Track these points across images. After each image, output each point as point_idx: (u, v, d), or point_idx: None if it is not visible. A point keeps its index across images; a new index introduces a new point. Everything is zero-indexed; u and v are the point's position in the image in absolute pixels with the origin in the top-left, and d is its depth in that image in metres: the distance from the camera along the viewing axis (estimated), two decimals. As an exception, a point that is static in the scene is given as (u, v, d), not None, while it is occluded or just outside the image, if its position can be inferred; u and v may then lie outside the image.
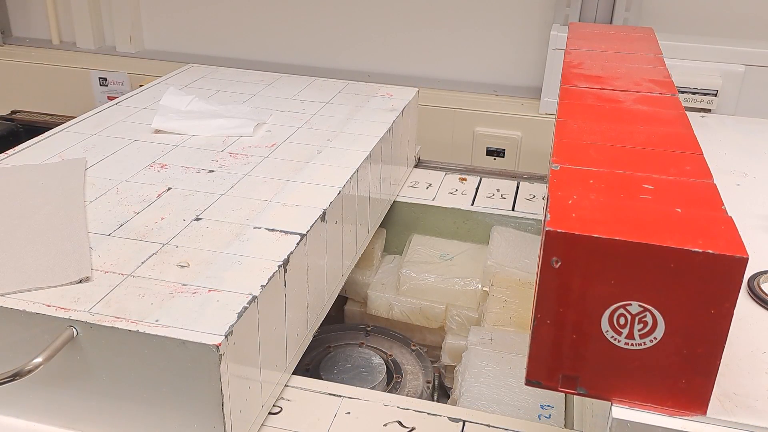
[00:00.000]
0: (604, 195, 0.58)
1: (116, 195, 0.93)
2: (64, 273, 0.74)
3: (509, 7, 1.98)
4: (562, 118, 0.77)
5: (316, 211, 0.90)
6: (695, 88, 1.69)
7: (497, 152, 1.91)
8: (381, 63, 2.12)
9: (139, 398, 0.69)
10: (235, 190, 0.96)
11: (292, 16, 2.14)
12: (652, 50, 1.07)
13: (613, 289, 0.52)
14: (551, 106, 1.85)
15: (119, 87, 2.12)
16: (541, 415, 0.94)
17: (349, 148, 1.11)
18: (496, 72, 2.05)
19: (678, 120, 0.77)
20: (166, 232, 0.84)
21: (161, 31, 2.29)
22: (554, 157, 0.66)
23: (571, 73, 0.93)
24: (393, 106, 1.32)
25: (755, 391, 0.57)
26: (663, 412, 0.55)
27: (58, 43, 2.34)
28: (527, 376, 0.58)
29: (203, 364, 0.65)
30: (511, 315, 1.14)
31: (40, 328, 0.69)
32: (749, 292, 0.69)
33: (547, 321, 0.55)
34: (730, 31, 1.84)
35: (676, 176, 0.62)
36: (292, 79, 1.46)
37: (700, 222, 0.53)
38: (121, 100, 1.29)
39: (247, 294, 0.72)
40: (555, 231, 0.52)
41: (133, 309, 0.69)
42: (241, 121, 1.17)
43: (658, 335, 0.53)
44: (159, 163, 1.03)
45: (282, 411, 0.82)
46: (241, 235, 0.84)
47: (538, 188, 1.44)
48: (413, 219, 1.38)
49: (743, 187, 0.92)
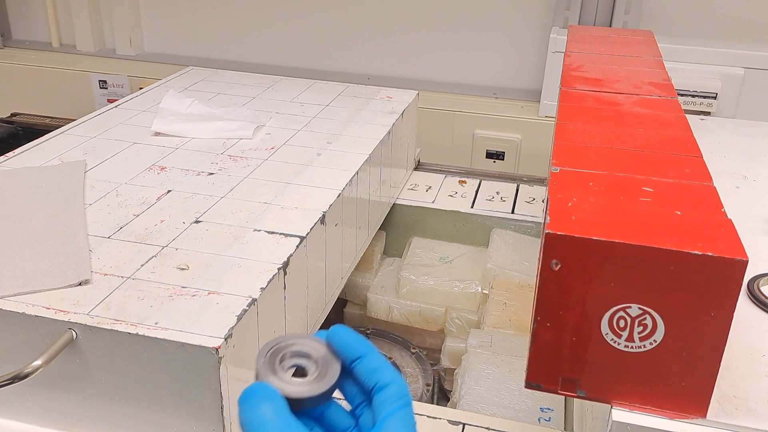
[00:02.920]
0: (604, 197, 0.58)
1: (116, 197, 0.93)
2: (63, 275, 0.74)
3: (509, 10, 1.98)
4: (562, 120, 0.77)
5: (316, 214, 0.90)
6: (695, 91, 1.69)
7: (497, 155, 1.91)
8: (381, 65, 2.12)
9: (138, 401, 0.69)
10: (235, 192, 0.96)
11: (292, 18, 2.14)
12: (652, 53, 1.07)
13: (612, 291, 0.52)
14: (551, 109, 1.85)
15: (119, 90, 2.12)
16: (541, 418, 0.94)
17: (349, 151, 1.11)
18: (495, 75, 2.05)
19: (677, 123, 0.77)
20: (165, 234, 0.84)
21: (161, 33, 2.29)
22: (554, 160, 0.66)
23: (570, 76, 0.93)
24: (393, 108, 1.32)
25: (755, 394, 0.57)
26: (663, 415, 0.55)
27: (58, 46, 2.34)
28: (527, 378, 0.58)
29: (203, 366, 0.65)
30: (511, 318, 1.14)
31: (39, 331, 0.68)
32: (749, 295, 0.69)
33: (546, 324, 0.55)
34: (730, 34, 1.84)
35: (675, 179, 0.62)
36: (292, 82, 1.46)
37: (699, 225, 0.53)
38: (120, 103, 1.29)
39: (246, 296, 0.72)
40: (555, 233, 0.52)
41: (132, 311, 0.69)
42: (241, 124, 1.17)
43: (658, 338, 0.53)
44: (159, 166, 1.03)
45: (281, 414, 0.82)
46: (241, 238, 0.84)
47: (538, 191, 1.44)
48: (413, 221, 1.38)
49: (743, 190, 0.92)
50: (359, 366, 0.48)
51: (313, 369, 0.49)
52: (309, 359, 0.49)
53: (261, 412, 0.43)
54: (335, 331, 0.49)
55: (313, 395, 0.47)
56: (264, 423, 0.43)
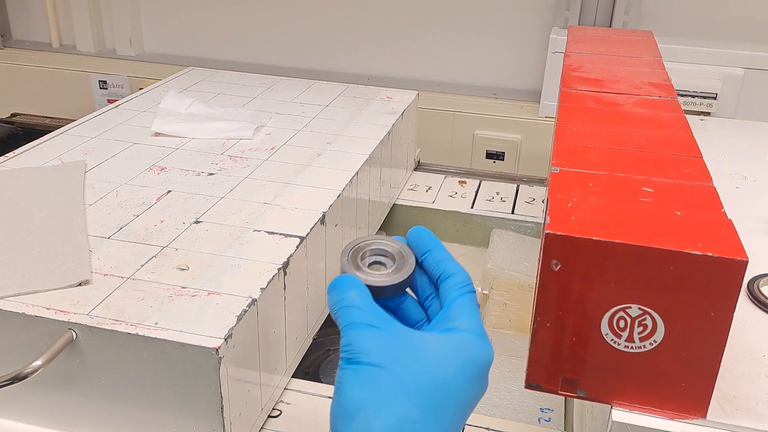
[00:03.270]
0: (604, 198, 0.58)
1: (116, 198, 0.93)
2: (63, 276, 0.74)
3: (509, 11, 1.98)
4: (562, 121, 0.77)
5: (316, 214, 0.90)
6: (695, 92, 1.69)
7: (497, 155, 1.91)
8: (381, 66, 2.12)
9: (138, 401, 0.69)
10: (235, 193, 0.96)
11: (292, 19, 2.14)
12: (652, 53, 1.07)
13: (612, 291, 0.52)
14: (551, 109, 1.85)
15: (119, 90, 2.12)
16: (541, 418, 0.94)
17: (349, 151, 1.11)
18: (495, 75, 2.05)
19: (677, 123, 0.77)
20: (165, 234, 0.84)
21: (161, 34, 2.29)
22: (554, 160, 0.66)
23: (570, 76, 0.93)
24: (393, 109, 1.32)
25: (755, 394, 0.57)
26: (663, 415, 0.55)
27: (58, 46, 2.34)
28: (527, 379, 0.58)
29: (203, 367, 0.65)
30: (511, 318, 1.14)
31: (39, 331, 0.68)
32: (749, 295, 0.69)
33: (546, 324, 0.55)
34: (730, 34, 1.84)
35: (675, 179, 0.62)
36: (292, 82, 1.46)
37: (699, 225, 0.53)
38: (120, 103, 1.29)
39: (246, 297, 0.72)
40: (555, 234, 0.52)
41: (132, 312, 0.69)
42: (241, 124, 1.17)
43: (658, 338, 0.53)
44: (159, 166, 1.03)
45: (281, 414, 0.82)
46: (241, 238, 0.84)
47: (538, 191, 1.44)
48: (413, 222, 1.38)
49: (743, 190, 0.92)
50: (428, 258, 0.56)
51: (391, 264, 0.56)
52: (386, 256, 0.57)
53: (348, 296, 0.51)
54: (413, 229, 0.57)
55: (392, 284, 0.55)
56: (351, 305, 0.51)
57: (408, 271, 0.56)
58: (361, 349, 0.48)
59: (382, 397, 0.47)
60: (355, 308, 0.50)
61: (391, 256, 0.57)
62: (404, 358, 0.49)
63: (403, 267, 0.56)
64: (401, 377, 0.48)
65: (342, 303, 0.51)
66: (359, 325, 0.50)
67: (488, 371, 0.53)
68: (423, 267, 0.56)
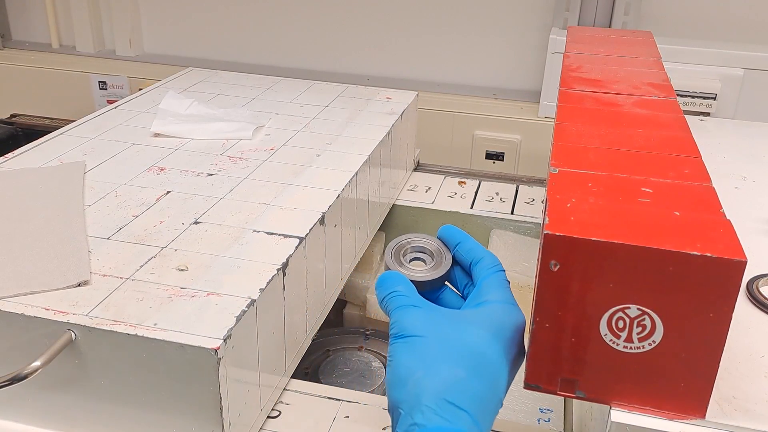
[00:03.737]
0: (603, 198, 0.58)
1: (115, 198, 0.93)
2: (62, 276, 0.74)
3: (508, 11, 1.98)
4: (561, 121, 0.77)
5: (315, 215, 0.90)
6: (694, 92, 1.69)
7: (496, 155, 1.91)
8: (380, 66, 2.12)
9: (137, 402, 0.69)
10: (234, 193, 0.96)
11: (292, 19, 2.14)
12: (651, 54, 1.07)
13: (611, 292, 0.52)
14: (550, 110, 1.85)
15: (119, 90, 2.12)
16: (540, 418, 0.94)
17: (349, 152, 1.11)
18: (495, 75, 2.05)
19: (677, 123, 0.77)
20: (165, 235, 0.84)
21: (161, 34, 2.29)
22: (553, 161, 0.66)
23: (569, 76, 0.93)
24: (392, 109, 1.32)
25: (754, 395, 0.57)
26: (662, 416, 0.55)
27: (58, 47, 2.34)
28: (526, 379, 0.58)
29: (202, 367, 0.65)
30: (511, 318, 1.14)
31: (38, 332, 0.68)
32: (748, 296, 0.69)
33: (545, 324, 0.55)
34: (729, 34, 1.84)
35: (674, 180, 0.62)
36: (292, 83, 1.46)
37: (698, 225, 0.53)
38: (120, 104, 1.29)
39: (245, 298, 0.72)
40: (554, 234, 0.52)
41: (131, 312, 0.69)
42: (241, 125, 1.17)
43: (657, 339, 0.53)
44: (158, 167, 1.03)
45: (281, 415, 0.82)
46: (240, 239, 0.84)
47: (538, 191, 1.44)
48: (412, 222, 1.38)
49: (742, 191, 0.92)
50: (459, 249, 0.64)
51: (430, 260, 0.64)
52: (425, 253, 0.64)
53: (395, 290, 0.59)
54: (442, 227, 0.66)
55: (433, 278, 0.62)
56: (398, 297, 0.59)
57: (446, 267, 0.62)
58: (407, 324, 0.56)
59: (429, 363, 0.54)
60: (401, 295, 0.59)
61: (429, 252, 0.64)
62: (444, 329, 0.56)
63: (441, 263, 0.63)
64: (443, 344, 0.55)
65: (389, 293, 0.59)
66: (404, 306, 0.58)
67: (522, 335, 0.59)
68: (456, 257, 0.64)
